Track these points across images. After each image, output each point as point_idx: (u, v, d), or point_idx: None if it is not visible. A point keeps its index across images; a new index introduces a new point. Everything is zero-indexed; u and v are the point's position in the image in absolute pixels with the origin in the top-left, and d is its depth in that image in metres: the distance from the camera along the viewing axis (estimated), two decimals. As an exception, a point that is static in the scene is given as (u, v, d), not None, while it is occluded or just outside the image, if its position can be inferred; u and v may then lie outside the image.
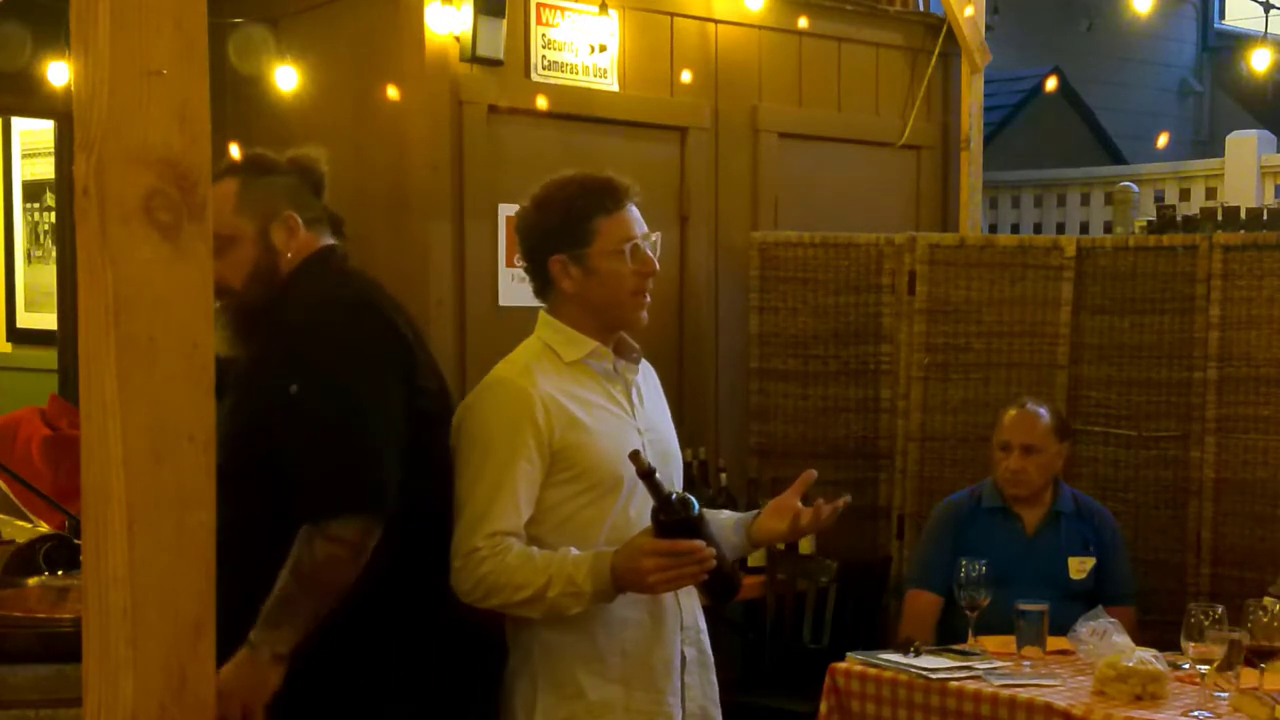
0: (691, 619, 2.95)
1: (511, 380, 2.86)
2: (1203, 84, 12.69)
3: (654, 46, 5.70)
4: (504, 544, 2.74)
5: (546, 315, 2.96)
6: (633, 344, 2.98)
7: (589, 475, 2.82)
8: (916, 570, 4.64)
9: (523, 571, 2.71)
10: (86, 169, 1.30)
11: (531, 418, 2.78)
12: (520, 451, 2.77)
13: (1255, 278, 4.94)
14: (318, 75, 5.58)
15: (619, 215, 2.89)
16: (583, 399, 2.86)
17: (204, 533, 1.37)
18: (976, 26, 6.23)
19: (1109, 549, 4.49)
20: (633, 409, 2.93)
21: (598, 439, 2.82)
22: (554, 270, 2.90)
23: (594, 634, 2.81)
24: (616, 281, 2.87)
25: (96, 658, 1.32)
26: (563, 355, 2.89)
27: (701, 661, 2.97)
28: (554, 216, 2.91)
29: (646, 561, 2.67)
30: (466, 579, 2.76)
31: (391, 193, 5.37)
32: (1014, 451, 4.44)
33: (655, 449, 2.90)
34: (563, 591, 2.70)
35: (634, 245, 2.87)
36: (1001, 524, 4.48)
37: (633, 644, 2.84)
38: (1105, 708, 3.41)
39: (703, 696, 2.96)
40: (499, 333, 5.35)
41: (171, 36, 1.30)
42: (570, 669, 2.82)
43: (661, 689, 2.87)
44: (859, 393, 5.55)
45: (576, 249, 2.87)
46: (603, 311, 2.90)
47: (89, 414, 1.32)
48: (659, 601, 2.85)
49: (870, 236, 5.59)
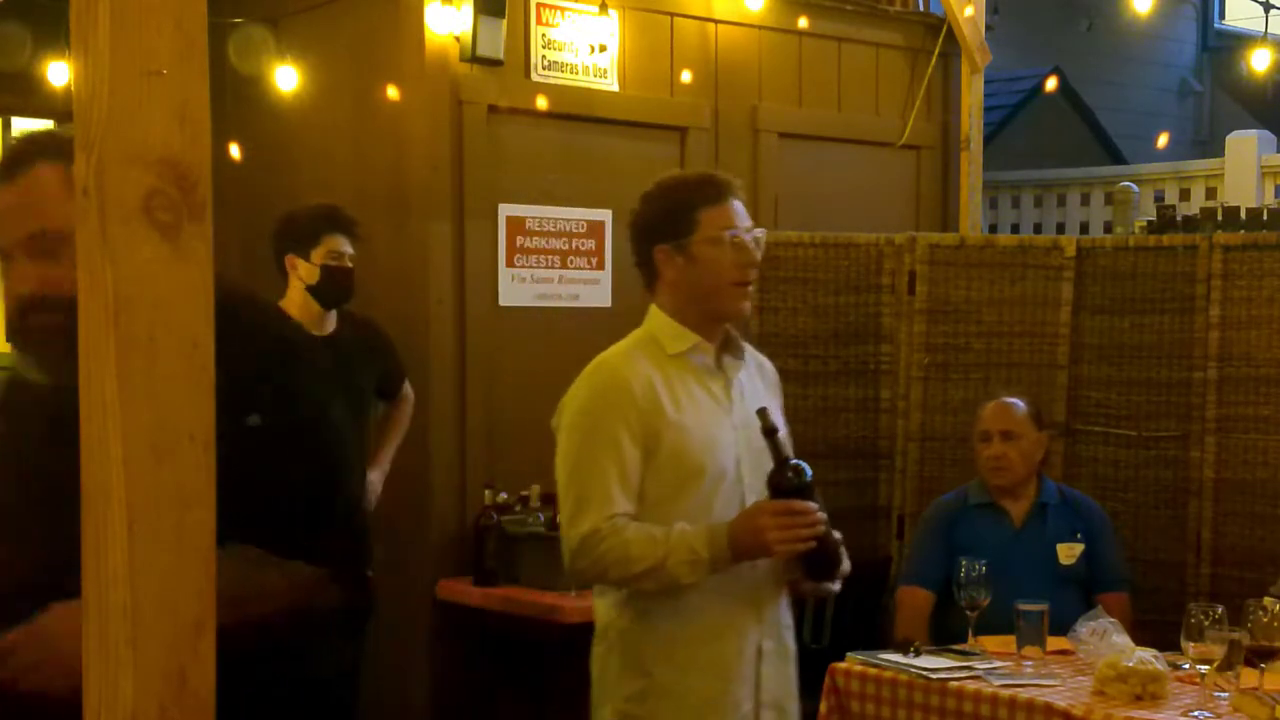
0: (772, 613, 3.03)
1: (612, 366, 2.97)
2: (1203, 84, 12.69)
3: (654, 46, 5.70)
4: (621, 522, 2.85)
5: (654, 308, 3.05)
6: (739, 341, 3.07)
7: (675, 464, 2.91)
8: (909, 567, 4.67)
9: (640, 545, 2.83)
10: (86, 169, 1.30)
11: (630, 401, 2.89)
12: (621, 435, 2.87)
13: (1255, 278, 4.94)
14: (318, 75, 5.59)
15: (722, 206, 2.98)
16: (679, 390, 2.95)
17: (204, 533, 1.36)
18: (976, 26, 6.24)
19: (1098, 536, 4.52)
20: (730, 404, 3.00)
21: (688, 430, 2.92)
22: (658, 259, 2.99)
23: (667, 623, 2.92)
24: (717, 270, 2.95)
25: (96, 658, 1.32)
26: (666, 347, 2.99)
27: (780, 655, 3.05)
28: (659, 207, 3.01)
29: (765, 520, 2.82)
30: (583, 558, 2.87)
31: (391, 193, 5.37)
32: (994, 439, 4.50)
33: (749, 447, 2.98)
34: (681, 560, 2.82)
35: (735, 235, 2.96)
36: (989, 519, 4.52)
37: (704, 633, 2.93)
38: (1105, 708, 3.41)
39: (779, 689, 3.03)
40: (499, 333, 5.37)
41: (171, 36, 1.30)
42: (642, 652, 2.94)
43: (730, 678, 2.95)
44: (859, 393, 5.55)
45: (679, 238, 2.96)
46: (704, 300, 2.98)
47: (89, 414, 1.32)
48: (735, 595, 2.94)
49: (870, 236, 5.59)
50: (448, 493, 5.29)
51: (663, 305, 3.02)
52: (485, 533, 5.08)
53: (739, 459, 2.97)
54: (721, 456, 2.94)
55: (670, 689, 2.92)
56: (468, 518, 5.23)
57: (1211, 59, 12.75)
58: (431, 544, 5.26)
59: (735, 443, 2.96)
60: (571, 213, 5.52)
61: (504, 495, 5.12)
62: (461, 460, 5.30)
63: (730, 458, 2.96)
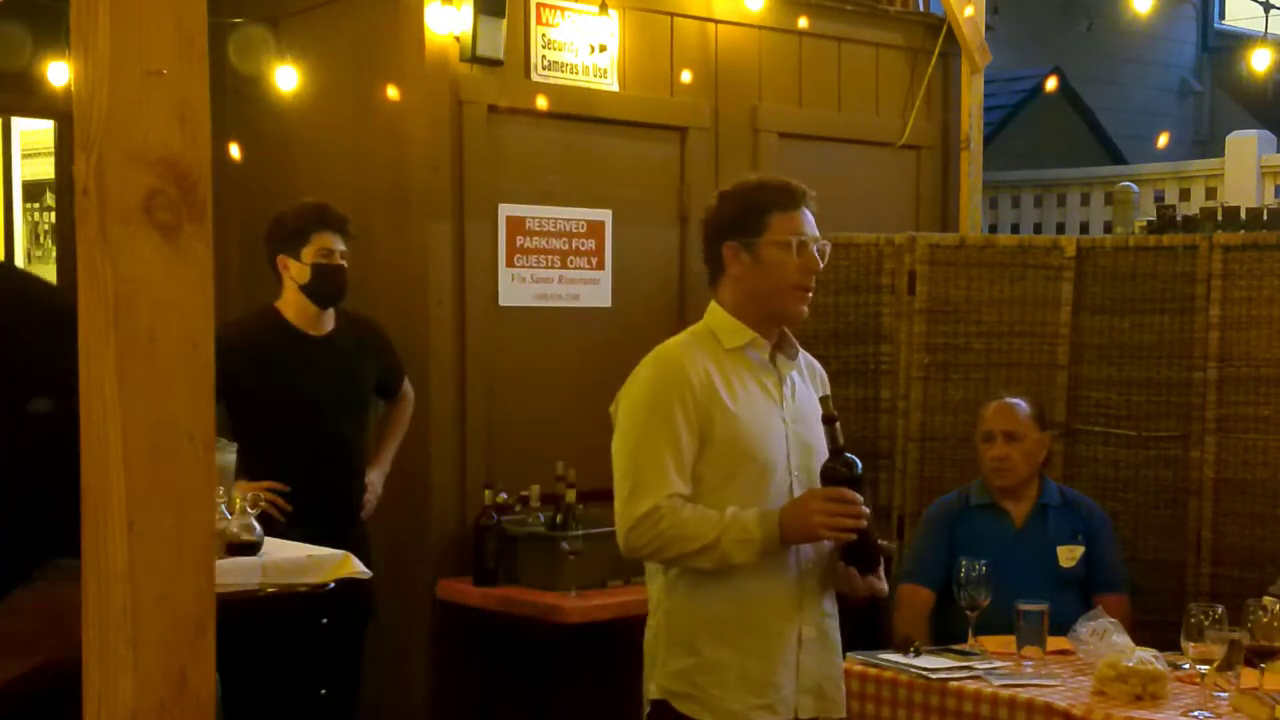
0: (815, 602, 3.14)
1: (671, 355, 3.10)
2: (1203, 84, 12.69)
3: (654, 46, 5.70)
4: (678, 503, 2.99)
5: (714, 304, 3.19)
6: (794, 342, 3.20)
7: (727, 452, 3.03)
8: (910, 565, 4.67)
9: (697, 524, 2.97)
10: (86, 169, 1.30)
11: (687, 388, 3.02)
12: (678, 420, 3.01)
13: (1255, 278, 4.94)
14: (318, 75, 5.58)
15: (793, 213, 3.14)
16: (734, 382, 3.08)
17: (204, 532, 1.36)
18: (976, 26, 6.23)
19: (1098, 538, 4.52)
20: (782, 399, 3.13)
21: (740, 420, 3.04)
22: (726, 255, 3.13)
23: (716, 604, 3.05)
24: (780, 272, 3.10)
25: (96, 658, 1.32)
26: (723, 341, 3.13)
27: (822, 643, 3.16)
28: (732, 206, 3.16)
29: (813, 504, 3.00)
30: (642, 536, 2.99)
31: (391, 193, 5.37)
32: (997, 440, 4.50)
33: (798, 440, 3.12)
34: (735, 539, 2.96)
35: (801, 241, 3.12)
36: (990, 519, 4.52)
37: (751, 616, 3.06)
38: (1105, 708, 3.41)
39: (819, 674, 3.14)
40: (499, 332, 5.36)
41: (171, 36, 1.30)
42: (692, 630, 3.07)
43: (774, 661, 3.07)
44: (859, 393, 5.55)
45: (748, 237, 3.11)
46: (764, 300, 3.12)
47: (89, 414, 1.32)
48: (780, 582, 3.07)
49: (870, 236, 5.59)
50: (448, 493, 5.29)
51: (723, 302, 3.17)
52: (485, 533, 5.08)
53: (789, 452, 3.10)
54: (772, 448, 3.07)
55: (714, 667, 3.04)
56: (468, 518, 5.23)
57: (1211, 59, 12.75)
58: (431, 544, 5.26)
59: (786, 436, 3.10)
60: (571, 213, 5.52)
61: (504, 495, 5.12)
62: (461, 460, 5.30)
63: (781, 450, 3.09)
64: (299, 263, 4.58)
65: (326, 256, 4.59)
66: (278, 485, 4.42)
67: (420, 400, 5.07)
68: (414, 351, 5.16)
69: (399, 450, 4.96)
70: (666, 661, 3.09)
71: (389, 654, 5.17)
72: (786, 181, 3.21)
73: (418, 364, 5.15)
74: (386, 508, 4.93)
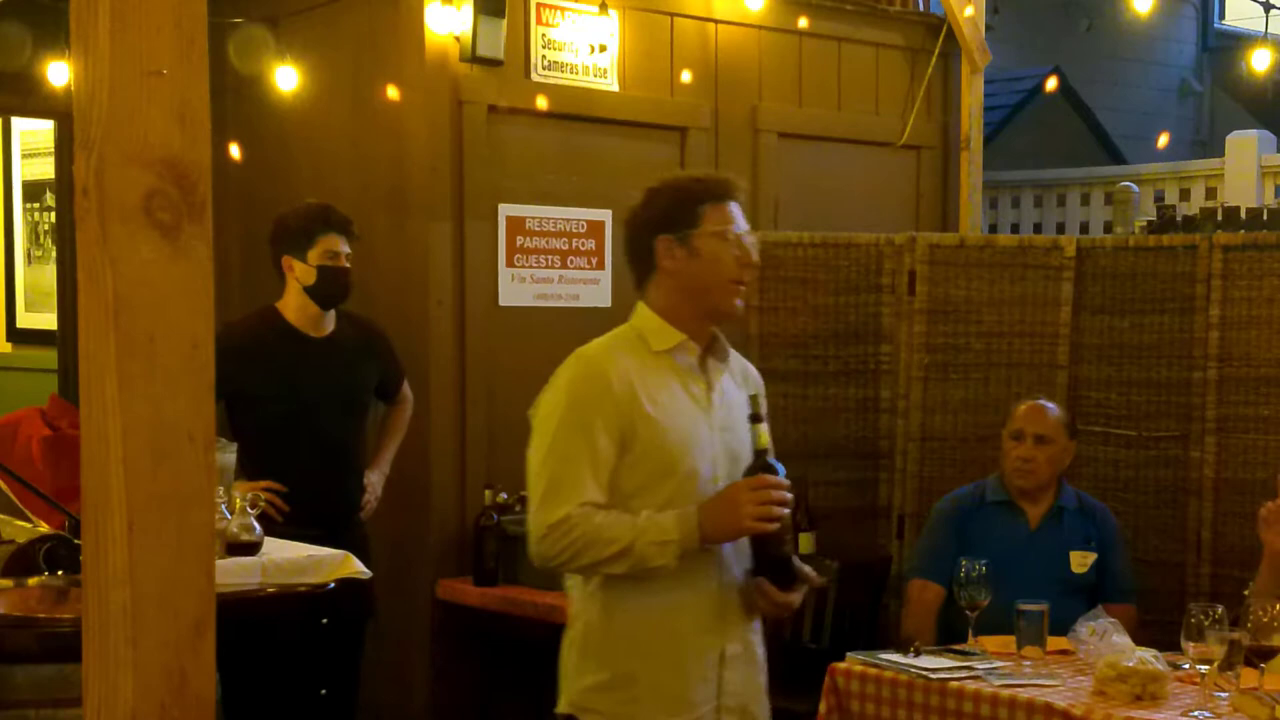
0: (739, 616, 3.01)
1: (591, 358, 2.97)
2: (1203, 84, 12.68)
3: (654, 46, 5.70)
4: (593, 510, 2.87)
5: (642, 305, 3.05)
6: (726, 346, 3.06)
7: (648, 461, 2.91)
8: (920, 560, 4.66)
9: (612, 528, 2.85)
10: (86, 169, 1.30)
11: (606, 393, 2.90)
12: (595, 426, 2.88)
13: (1255, 278, 4.94)
14: (318, 75, 5.58)
15: (725, 205, 3.01)
16: (658, 388, 2.95)
17: (204, 533, 1.37)
18: (976, 26, 6.23)
19: (1110, 546, 4.53)
20: (710, 406, 3.00)
21: (664, 427, 2.92)
22: (659, 250, 2.98)
23: (630, 618, 2.92)
24: (717, 265, 2.97)
25: (96, 658, 1.32)
26: (650, 344, 2.98)
27: (746, 659, 3.03)
28: (663, 200, 3.02)
29: (740, 494, 2.87)
30: (554, 545, 2.87)
31: (391, 193, 5.37)
32: (1026, 440, 4.49)
33: (726, 449, 2.98)
34: (651, 541, 2.83)
35: (737, 233, 2.99)
36: (1005, 517, 4.51)
37: (670, 630, 2.93)
38: (1105, 708, 3.41)
39: (743, 693, 3.02)
40: (499, 333, 5.36)
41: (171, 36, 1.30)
42: (606, 643, 2.95)
43: (689, 678, 2.94)
44: (859, 393, 5.55)
45: (683, 230, 2.97)
46: (700, 295, 2.98)
47: (89, 414, 1.32)
48: (705, 594, 2.94)
49: (870, 236, 5.59)
50: (448, 493, 5.29)
51: (653, 302, 3.02)
52: (485, 533, 5.08)
53: (715, 461, 2.96)
54: (697, 456, 2.94)
55: (627, 682, 2.92)
56: (468, 518, 5.23)
57: (1211, 59, 12.75)
58: (431, 544, 5.26)
59: (713, 444, 2.97)
60: (571, 213, 5.52)
61: (504, 495, 5.12)
62: (461, 460, 5.30)
63: (706, 459, 2.95)
64: (304, 264, 4.58)
65: (332, 258, 4.59)
66: (276, 485, 4.42)
67: (420, 400, 5.07)
68: (414, 351, 5.16)
69: (399, 451, 4.96)
70: (577, 676, 2.96)
71: (389, 654, 5.17)
72: (718, 174, 3.10)
73: (418, 364, 5.15)
74: (386, 508, 4.93)
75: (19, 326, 8.19)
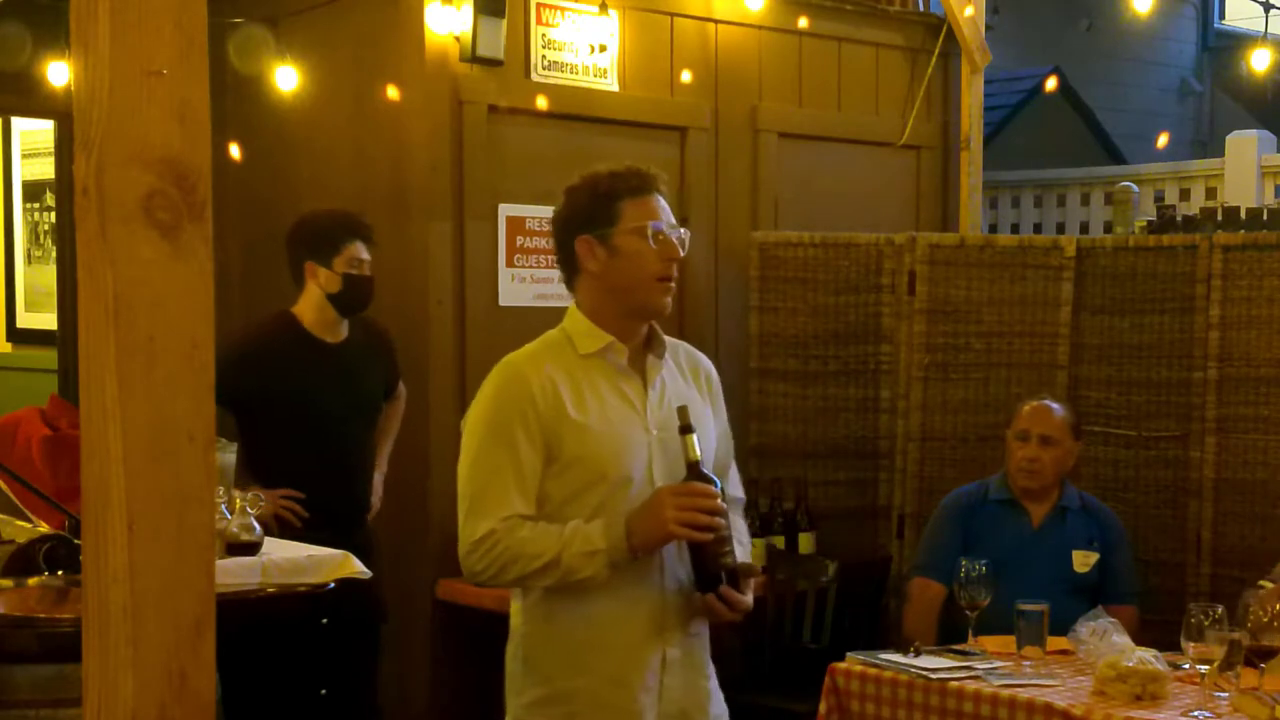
0: (679, 620, 2.92)
1: (514, 366, 2.90)
2: (1203, 84, 12.69)
3: (654, 46, 5.70)
4: (516, 522, 2.81)
5: (572, 307, 2.97)
6: (663, 340, 2.97)
7: (581, 468, 2.84)
8: (923, 558, 4.66)
9: (537, 541, 2.79)
10: (86, 169, 1.30)
11: (529, 402, 2.82)
12: (518, 436, 2.82)
13: (1255, 278, 4.94)
14: (318, 75, 5.58)
15: (645, 199, 2.90)
16: (587, 392, 2.87)
17: (204, 533, 1.36)
18: (976, 26, 6.23)
19: (1113, 547, 4.53)
20: (646, 406, 2.91)
21: (592, 433, 2.83)
22: (580, 251, 2.90)
23: (568, 629, 2.86)
24: (640, 262, 2.87)
25: (96, 658, 1.32)
26: (578, 348, 2.90)
27: (687, 664, 2.94)
28: (582, 198, 2.93)
29: (665, 498, 2.77)
30: (480, 560, 2.85)
31: (391, 193, 5.37)
32: (1032, 441, 4.49)
33: (664, 450, 2.89)
34: (578, 551, 2.76)
35: (658, 228, 2.88)
36: (1008, 516, 4.52)
37: (605, 641, 2.86)
38: (1105, 708, 3.41)
39: (684, 699, 2.93)
40: (499, 333, 5.35)
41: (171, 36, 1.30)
42: (545, 657, 2.89)
43: (630, 687, 2.87)
44: (859, 393, 5.55)
45: (602, 228, 2.88)
46: (625, 294, 2.89)
47: (89, 414, 1.32)
48: (639, 601, 2.87)
49: (870, 236, 5.59)
50: (447, 493, 5.26)
51: (580, 304, 2.94)
52: (485, 533, 5.07)
53: (651, 463, 2.88)
54: (629, 461, 2.85)
55: (569, 696, 2.86)
56: (468, 518, 5.22)
57: (1211, 59, 12.75)
58: (431, 544, 5.26)
59: (648, 445, 2.87)
60: (571, 213, 5.52)
61: (504, 495, 5.10)
62: (461, 460, 5.29)
63: (639, 462, 2.87)
64: (329, 271, 4.55)
65: (357, 266, 4.58)
66: (294, 493, 4.42)
67: (420, 400, 5.07)
68: (414, 351, 5.16)
69: (399, 451, 4.96)
70: (520, 691, 2.90)
71: (389, 654, 5.17)
72: (634, 166, 2.95)
73: (418, 364, 5.15)
74: (387, 508, 4.93)
75: (19, 326, 8.19)
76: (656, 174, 2.96)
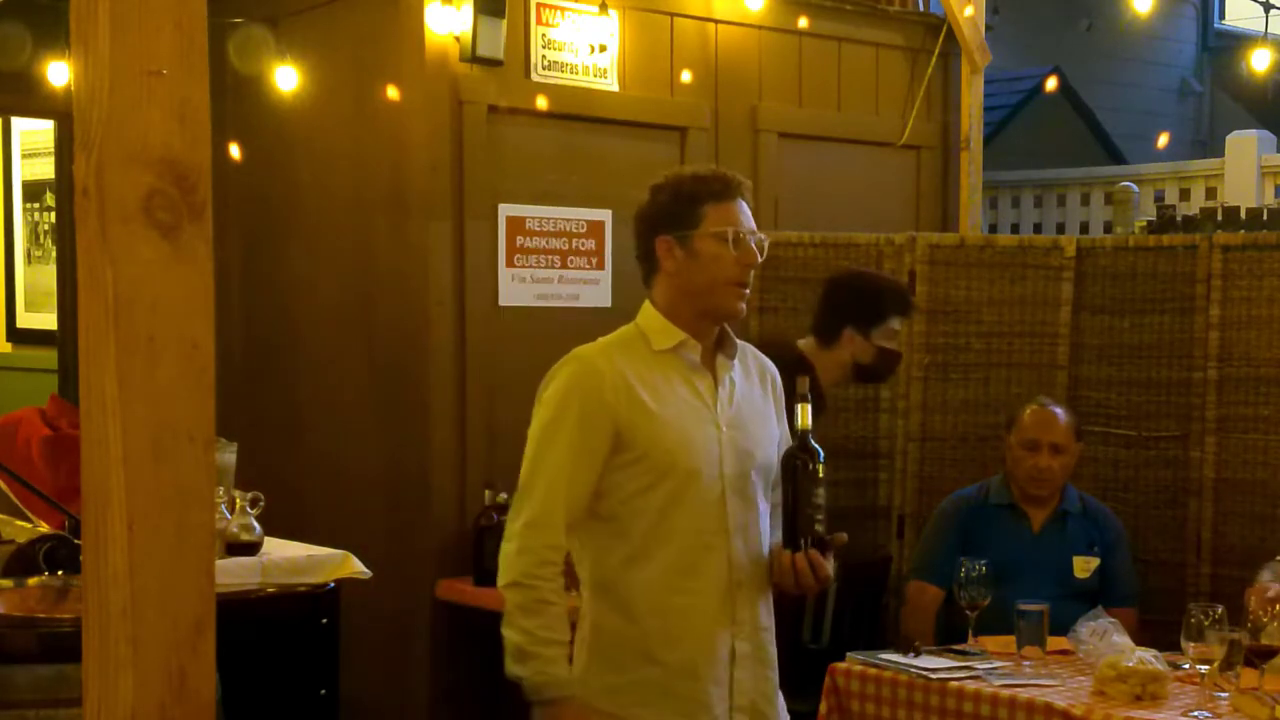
0: (749, 614, 2.97)
1: (587, 357, 2.94)
2: (1203, 84, 12.69)
3: (654, 46, 5.70)
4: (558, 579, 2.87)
5: (647, 304, 3.02)
6: (735, 341, 3.02)
7: (651, 460, 2.88)
8: (921, 561, 4.66)
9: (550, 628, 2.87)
10: (86, 169, 1.30)
11: (600, 394, 2.87)
12: (586, 428, 2.87)
13: (1255, 278, 4.94)
14: (318, 75, 5.58)
15: (728, 204, 2.94)
16: (659, 387, 2.92)
17: (204, 533, 1.36)
18: (976, 26, 6.23)
19: (1113, 550, 4.53)
20: (716, 403, 2.96)
21: (665, 426, 2.88)
22: (659, 250, 2.95)
23: (644, 620, 2.90)
24: (716, 266, 2.91)
25: (96, 658, 1.32)
26: (652, 343, 2.95)
27: (757, 658, 2.99)
28: (665, 199, 2.97)
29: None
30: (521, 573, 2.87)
31: (391, 193, 5.37)
32: (1043, 450, 4.48)
33: (734, 446, 2.94)
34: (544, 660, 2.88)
35: (738, 233, 2.92)
36: (1008, 520, 4.51)
37: (679, 632, 2.91)
38: (1105, 708, 3.41)
39: (754, 691, 2.98)
40: (499, 333, 5.36)
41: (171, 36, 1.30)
42: (617, 647, 2.93)
43: (703, 678, 2.91)
44: (859, 393, 5.54)
45: (682, 230, 2.93)
46: (700, 297, 2.94)
47: (89, 414, 1.32)
48: (708, 595, 2.91)
49: (870, 236, 5.59)
50: (447, 493, 5.29)
51: (656, 301, 2.99)
52: (485, 533, 5.08)
53: (721, 459, 2.93)
54: (697, 455, 2.90)
55: (639, 685, 2.91)
56: (468, 518, 5.22)
57: (1211, 59, 12.75)
58: (431, 544, 5.26)
59: (718, 441, 2.92)
60: (571, 213, 5.52)
61: (504, 495, 5.11)
62: (461, 460, 5.29)
63: (712, 457, 2.91)
64: (866, 341, 4.54)
65: (891, 339, 4.59)
66: None
67: (420, 400, 5.07)
68: (414, 351, 5.16)
69: (398, 450, 4.97)
70: (588, 678, 2.94)
71: (389, 654, 5.17)
72: (721, 171, 3.01)
73: (418, 364, 5.15)
74: (387, 508, 4.93)
75: (19, 326, 8.19)
76: (742, 180, 3.00)
